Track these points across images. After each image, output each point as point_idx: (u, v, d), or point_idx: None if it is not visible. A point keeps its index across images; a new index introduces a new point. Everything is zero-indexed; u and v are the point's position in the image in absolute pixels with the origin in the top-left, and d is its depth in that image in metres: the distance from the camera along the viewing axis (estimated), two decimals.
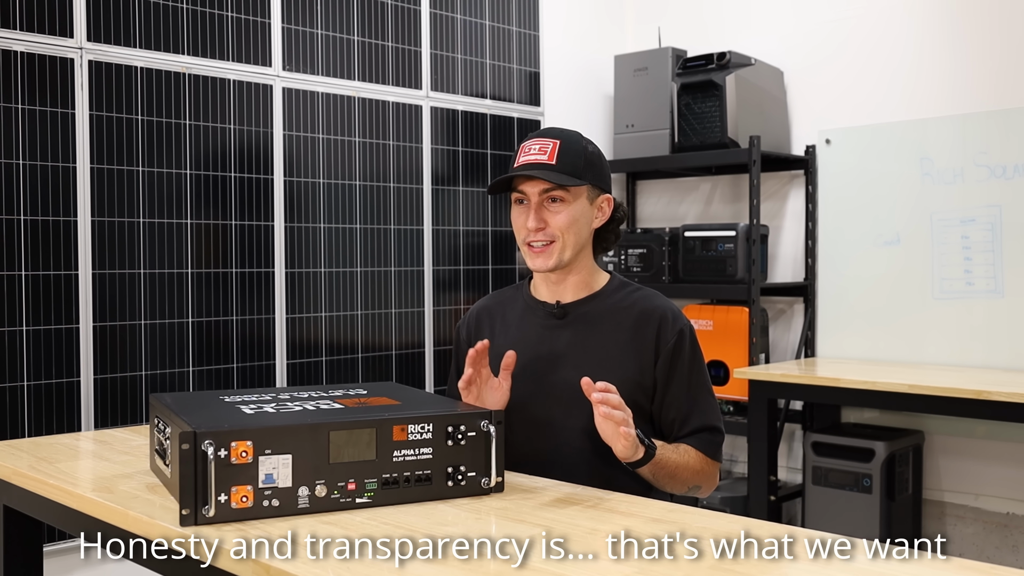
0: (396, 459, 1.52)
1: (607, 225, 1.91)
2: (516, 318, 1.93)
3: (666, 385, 1.83)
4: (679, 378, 1.84)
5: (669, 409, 1.84)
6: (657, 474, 1.71)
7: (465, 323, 2.03)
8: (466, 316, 2.04)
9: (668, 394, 1.83)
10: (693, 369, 1.85)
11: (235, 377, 3.20)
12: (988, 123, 3.57)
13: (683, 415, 1.84)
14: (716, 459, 1.86)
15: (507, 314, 1.95)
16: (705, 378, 1.88)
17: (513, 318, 1.94)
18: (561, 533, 1.39)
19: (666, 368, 1.83)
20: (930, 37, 3.78)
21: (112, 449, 1.96)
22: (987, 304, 3.56)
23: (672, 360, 1.83)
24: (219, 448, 1.38)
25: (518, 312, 1.94)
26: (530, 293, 1.94)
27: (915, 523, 3.73)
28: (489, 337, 1.95)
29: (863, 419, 3.98)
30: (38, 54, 2.79)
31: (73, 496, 1.60)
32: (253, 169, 3.26)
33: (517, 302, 1.96)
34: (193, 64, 3.11)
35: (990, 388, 3.00)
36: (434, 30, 3.78)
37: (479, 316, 2.00)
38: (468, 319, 2.03)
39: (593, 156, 1.85)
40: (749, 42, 4.21)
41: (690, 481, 1.79)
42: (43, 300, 2.80)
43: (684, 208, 4.56)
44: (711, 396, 1.88)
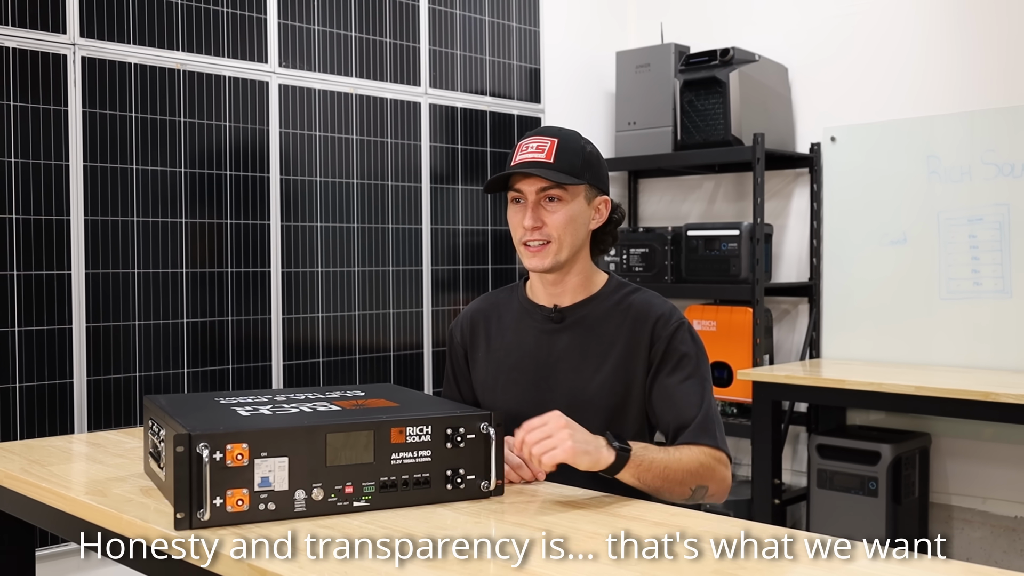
0: (394, 462, 1.52)
1: (604, 227, 1.89)
2: (512, 321, 1.93)
3: (656, 384, 1.80)
4: (672, 378, 1.79)
5: (664, 411, 1.79)
6: (643, 477, 1.61)
7: (459, 326, 2.02)
8: (459, 319, 2.03)
9: (661, 394, 1.79)
10: (687, 367, 1.79)
11: (230, 378, 3.21)
12: (996, 120, 3.57)
13: (677, 414, 1.77)
14: (720, 448, 1.75)
15: (503, 317, 1.95)
16: (701, 377, 1.81)
17: (509, 321, 1.93)
18: (561, 535, 1.39)
19: (658, 369, 1.80)
20: (937, 32, 3.78)
21: (105, 452, 1.97)
22: (995, 304, 3.57)
23: (664, 360, 1.80)
24: (214, 451, 1.39)
25: (514, 315, 1.93)
26: (526, 295, 1.94)
27: (922, 527, 3.73)
28: (485, 341, 1.95)
29: (869, 421, 3.98)
30: (30, 50, 2.79)
31: (66, 499, 1.61)
32: (249, 167, 3.26)
33: (512, 305, 1.95)
34: (188, 60, 3.11)
35: (998, 389, 3.00)
36: (433, 26, 3.78)
37: (473, 319, 1.99)
38: (461, 322, 2.02)
39: (591, 156, 1.84)
40: (753, 38, 4.22)
41: (689, 481, 1.67)
42: (35, 300, 2.80)
43: (687, 207, 4.56)
44: (707, 393, 1.80)
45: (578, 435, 1.55)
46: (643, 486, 1.63)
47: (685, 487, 1.67)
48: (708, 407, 1.78)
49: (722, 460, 1.74)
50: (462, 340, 2.00)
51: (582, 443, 1.54)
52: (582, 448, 1.53)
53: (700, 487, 1.70)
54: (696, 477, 1.68)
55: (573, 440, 1.53)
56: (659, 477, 1.63)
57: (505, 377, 1.90)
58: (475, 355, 1.97)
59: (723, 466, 1.74)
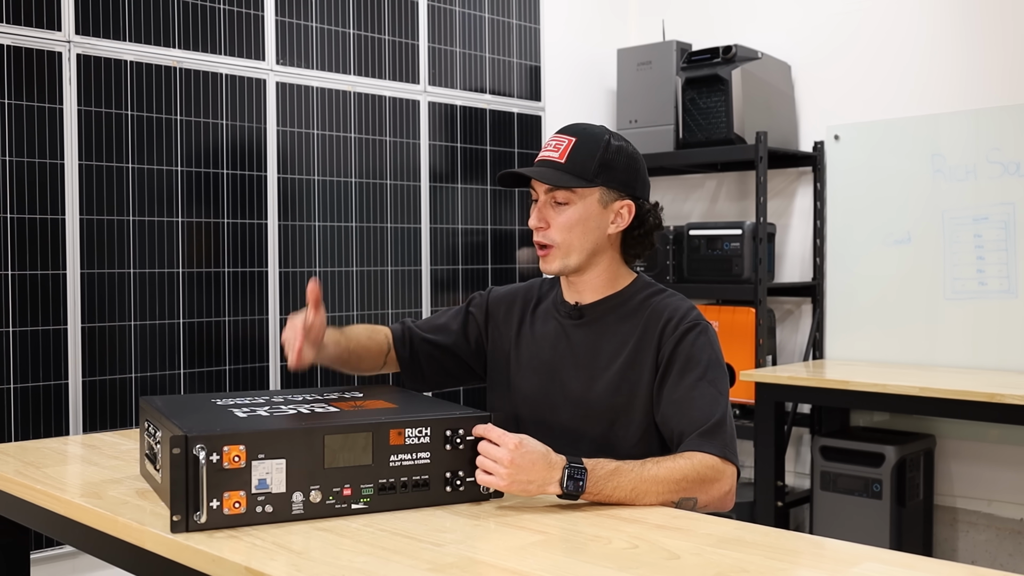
0: (393, 464, 1.52)
1: (633, 231, 1.83)
2: (543, 312, 1.94)
3: (662, 388, 1.75)
4: (679, 382, 1.74)
5: (669, 417, 1.73)
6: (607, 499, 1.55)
7: (498, 299, 1.99)
8: (498, 290, 2.02)
9: (667, 399, 1.75)
10: (695, 371, 1.73)
11: (227, 379, 3.20)
12: (1002, 118, 3.57)
13: (680, 420, 1.71)
14: (723, 457, 1.64)
15: (539, 307, 1.95)
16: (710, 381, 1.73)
17: (541, 312, 1.94)
18: (563, 538, 1.39)
19: (665, 372, 1.76)
20: (942, 29, 3.78)
21: (101, 454, 1.97)
22: (1000, 305, 3.57)
23: (670, 363, 1.75)
24: (211, 452, 1.39)
25: (546, 307, 1.94)
26: (559, 291, 1.94)
27: (926, 530, 3.73)
28: (518, 325, 1.95)
29: (873, 423, 3.98)
30: (25, 47, 2.79)
31: (61, 502, 1.61)
32: (246, 166, 3.26)
33: (549, 298, 1.95)
34: (184, 58, 3.11)
35: (1003, 391, 3.00)
36: (432, 23, 3.78)
37: (511, 297, 1.98)
38: (502, 296, 2.00)
39: (612, 158, 1.78)
40: (756, 35, 4.22)
41: (668, 495, 1.58)
42: (30, 300, 2.80)
43: (689, 206, 4.56)
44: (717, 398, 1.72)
45: (520, 476, 1.51)
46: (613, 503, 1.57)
47: (663, 499, 1.58)
48: (718, 414, 1.69)
49: (718, 469, 1.63)
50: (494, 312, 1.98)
51: (522, 483, 1.51)
52: (520, 488, 1.52)
53: (685, 499, 1.60)
54: (679, 490, 1.59)
55: (510, 480, 1.51)
56: (629, 496, 1.56)
57: (526, 365, 1.90)
58: (500, 331, 1.96)
59: (720, 476, 1.63)
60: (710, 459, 1.63)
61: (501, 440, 1.53)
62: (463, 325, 2.01)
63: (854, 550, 1.35)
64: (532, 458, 1.52)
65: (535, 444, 1.54)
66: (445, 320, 2.03)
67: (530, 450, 1.52)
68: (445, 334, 2.01)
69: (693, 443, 1.66)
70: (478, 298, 2.03)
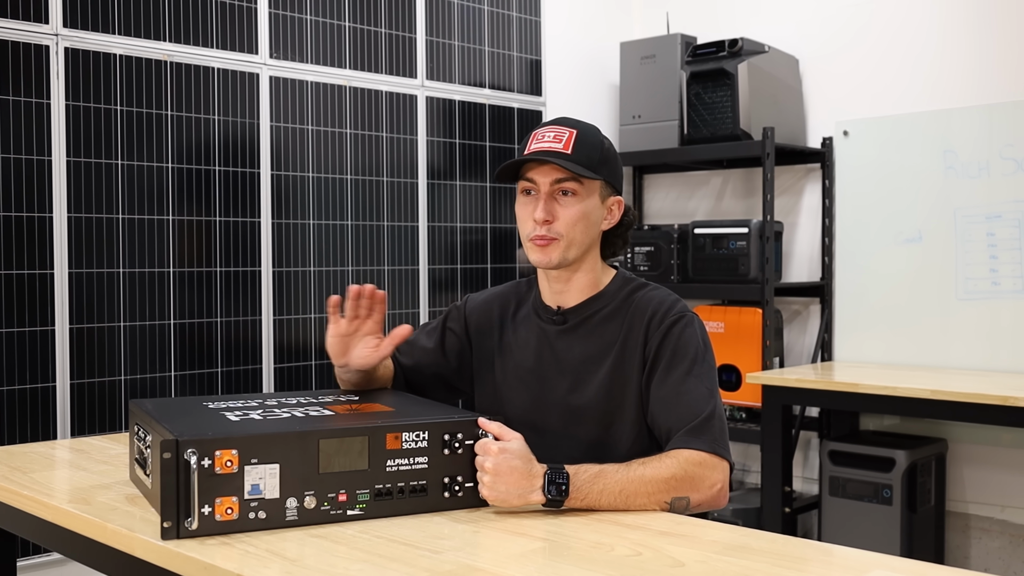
0: (389, 469, 1.52)
1: (615, 229, 1.88)
2: (523, 318, 1.93)
3: (650, 385, 1.75)
4: (666, 377, 1.73)
5: (657, 413, 1.73)
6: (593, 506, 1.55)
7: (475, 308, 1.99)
8: (475, 298, 2.01)
9: (654, 395, 1.74)
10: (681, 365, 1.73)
11: (219, 382, 3.21)
12: (1016, 114, 3.57)
13: (668, 416, 1.71)
14: (713, 452, 1.64)
15: (519, 311, 1.95)
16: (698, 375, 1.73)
17: (521, 317, 1.93)
18: (563, 544, 1.39)
19: (652, 368, 1.76)
20: (954, 22, 3.78)
21: (89, 458, 1.97)
22: (1014, 305, 3.57)
23: (657, 358, 1.75)
24: (202, 457, 1.39)
25: (526, 312, 1.93)
26: (538, 293, 1.93)
27: (938, 536, 3.73)
28: (498, 331, 1.94)
29: (883, 426, 3.99)
30: (11, 40, 2.79)
31: (48, 508, 1.61)
32: (238, 162, 3.26)
33: (527, 302, 1.95)
34: (175, 51, 3.11)
35: (1017, 394, 3.00)
36: (430, 16, 3.78)
37: (489, 304, 1.98)
38: (480, 304, 1.99)
39: (609, 153, 1.82)
40: (762, 28, 4.22)
41: (659, 496, 1.57)
42: (16, 301, 2.80)
43: (694, 204, 4.56)
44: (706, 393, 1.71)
45: (499, 485, 1.52)
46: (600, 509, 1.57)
47: (653, 502, 1.58)
48: (707, 409, 1.69)
49: (708, 465, 1.63)
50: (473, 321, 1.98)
51: (502, 493, 1.52)
52: (500, 498, 1.53)
53: (677, 499, 1.59)
54: (669, 489, 1.58)
55: (491, 490, 1.53)
56: (619, 499, 1.56)
57: (512, 374, 1.90)
58: (483, 342, 1.96)
59: (711, 471, 1.63)
60: (698, 455, 1.63)
61: (486, 448, 1.54)
62: (440, 343, 2.00)
63: (864, 557, 1.35)
64: (512, 465, 1.53)
65: (519, 451, 1.54)
66: (422, 343, 2.01)
67: (512, 456, 1.53)
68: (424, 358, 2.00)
69: (681, 440, 1.66)
70: (455, 312, 2.02)
